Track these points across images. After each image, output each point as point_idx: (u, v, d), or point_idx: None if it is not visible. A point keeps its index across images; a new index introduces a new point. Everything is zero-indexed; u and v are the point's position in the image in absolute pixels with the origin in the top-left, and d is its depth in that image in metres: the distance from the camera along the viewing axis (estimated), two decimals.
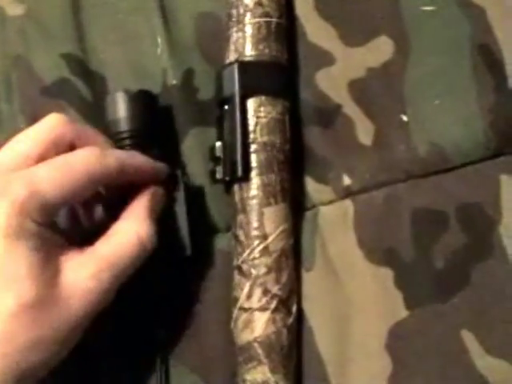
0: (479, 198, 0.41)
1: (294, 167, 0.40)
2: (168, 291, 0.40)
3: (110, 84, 0.43)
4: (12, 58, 0.44)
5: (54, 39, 0.44)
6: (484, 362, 0.38)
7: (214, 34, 0.43)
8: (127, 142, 0.39)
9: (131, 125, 0.39)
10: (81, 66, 0.43)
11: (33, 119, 0.42)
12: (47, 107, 0.42)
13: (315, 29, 0.43)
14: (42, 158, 0.34)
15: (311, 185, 0.41)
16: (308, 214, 0.41)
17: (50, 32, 0.44)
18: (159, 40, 0.43)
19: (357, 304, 0.40)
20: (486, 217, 0.40)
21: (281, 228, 0.39)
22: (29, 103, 0.43)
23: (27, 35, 0.44)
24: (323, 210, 0.41)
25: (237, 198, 0.39)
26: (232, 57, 0.40)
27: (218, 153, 0.39)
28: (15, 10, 0.44)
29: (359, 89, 0.42)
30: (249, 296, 0.38)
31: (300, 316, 0.40)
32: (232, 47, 0.40)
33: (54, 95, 0.43)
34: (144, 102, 0.40)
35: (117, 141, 0.39)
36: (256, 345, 0.38)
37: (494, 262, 0.40)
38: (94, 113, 0.42)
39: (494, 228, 0.40)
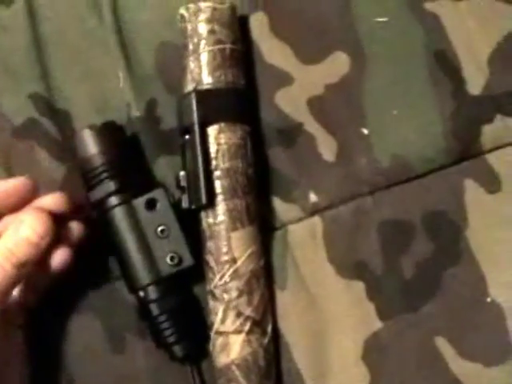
0: (444, 204, 0.41)
1: (260, 188, 0.41)
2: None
3: (76, 121, 0.44)
4: None
5: (20, 80, 0.45)
6: (458, 366, 0.39)
7: (175, 63, 0.43)
8: (104, 175, 0.40)
9: (104, 159, 0.40)
10: (47, 105, 0.44)
11: (6, 161, 0.44)
12: (18, 148, 0.44)
13: (271, 50, 0.43)
14: None
15: (279, 204, 0.42)
16: (277, 234, 0.42)
17: (16, 73, 0.45)
18: (120, 74, 0.44)
19: (331, 318, 0.41)
20: (452, 223, 0.41)
21: (249, 251, 0.40)
22: (1, 145, 0.44)
23: None
24: (292, 228, 0.42)
25: (204, 225, 0.40)
26: (190, 86, 0.41)
27: (183, 182, 0.40)
28: None
29: (319, 106, 0.42)
30: (223, 320, 0.39)
31: (276, 334, 0.40)
32: (189, 77, 0.41)
33: (24, 136, 0.44)
34: (111, 133, 0.41)
35: (93, 177, 0.40)
36: (234, 367, 0.39)
37: (462, 268, 0.40)
38: (63, 151, 0.43)
39: (460, 233, 0.41)
